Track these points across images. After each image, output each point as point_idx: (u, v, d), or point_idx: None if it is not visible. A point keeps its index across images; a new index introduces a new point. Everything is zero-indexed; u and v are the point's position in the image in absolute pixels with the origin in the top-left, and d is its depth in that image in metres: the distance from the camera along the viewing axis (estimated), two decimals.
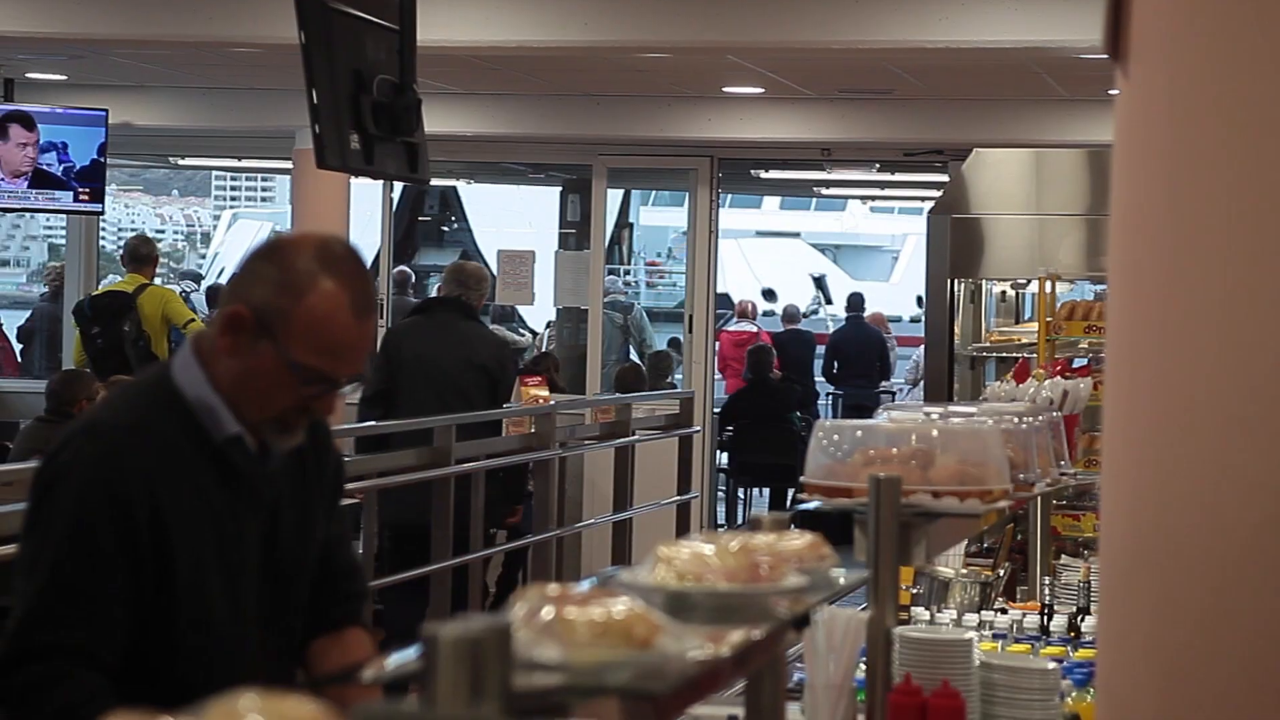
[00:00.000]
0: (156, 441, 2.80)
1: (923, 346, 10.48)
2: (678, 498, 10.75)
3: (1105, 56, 3.07)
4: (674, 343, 16.19)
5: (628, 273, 16.95)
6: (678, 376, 14.43)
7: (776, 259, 24.59)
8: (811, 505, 3.32)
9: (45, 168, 11.50)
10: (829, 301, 22.96)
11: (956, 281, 6.54)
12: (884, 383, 16.41)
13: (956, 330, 6.56)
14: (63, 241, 15.63)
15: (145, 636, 2.77)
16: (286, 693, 1.39)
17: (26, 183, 11.52)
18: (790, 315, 18.38)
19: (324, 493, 3.06)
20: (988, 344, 6.56)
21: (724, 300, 17.08)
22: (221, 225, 22.52)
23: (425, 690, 1.62)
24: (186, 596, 2.79)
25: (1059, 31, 8.66)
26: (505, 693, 1.64)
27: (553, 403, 9.72)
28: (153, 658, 2.79)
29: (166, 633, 2.79)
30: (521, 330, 16.47)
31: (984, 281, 6.72)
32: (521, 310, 16.32)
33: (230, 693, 1.41)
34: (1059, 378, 4.84)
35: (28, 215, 16.66)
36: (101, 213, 12.84)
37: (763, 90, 11.98)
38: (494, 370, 8.80)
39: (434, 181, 10.38)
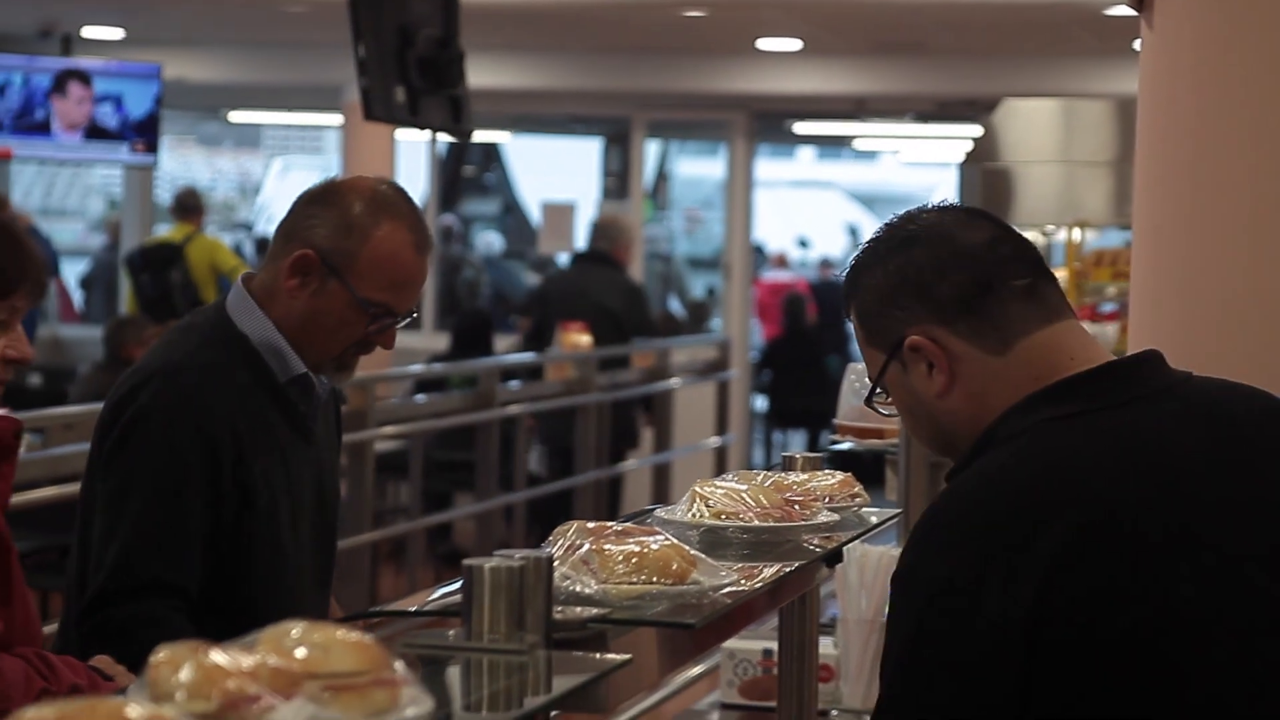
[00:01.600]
0: (231, 381, 2.83)
1: None
2: (715, 440, 10.76)
3: (1131, 11, 3.06)
4: (710, 291, 16.23)
5: (665, 220, 16.92)
6: (715, 323, 14.43)
7: (811, 209, 24.49)
8: (844, 446, 3.32)
9: (101, 121, 11.52)
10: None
11: None
12: None
13: None
14: (119, 192, 15.68)
15: (219, 571, 2.80)
16: (333, 623, 1.39)
17: (82, 135, 11.54)
18: (826, 264, 18.36)
19: (338, 440, 3.11)
20: None
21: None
22: (271, 174, 22.51)
23: (467, 621, 1.63)
24: (263, 531, 2.84)
25: None
26: (545, 624, 1.65)
27: (594, 350, 9.74)
28: (222, 593, 2.81)
29: (241, 567, 2.83)
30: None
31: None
32: (565, 259, 16.34)
33: (280, 622, 1.42)
34: (1088, 321, 4.82)
35: (85, 167, 16.69)
36: (155, 165, 12.87)
37: (798, 44, 11.92)
38: (619, 312, 9.61)
39: (477, 134, 10.38)
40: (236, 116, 18.62)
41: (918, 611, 1.85)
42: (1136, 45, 3.12)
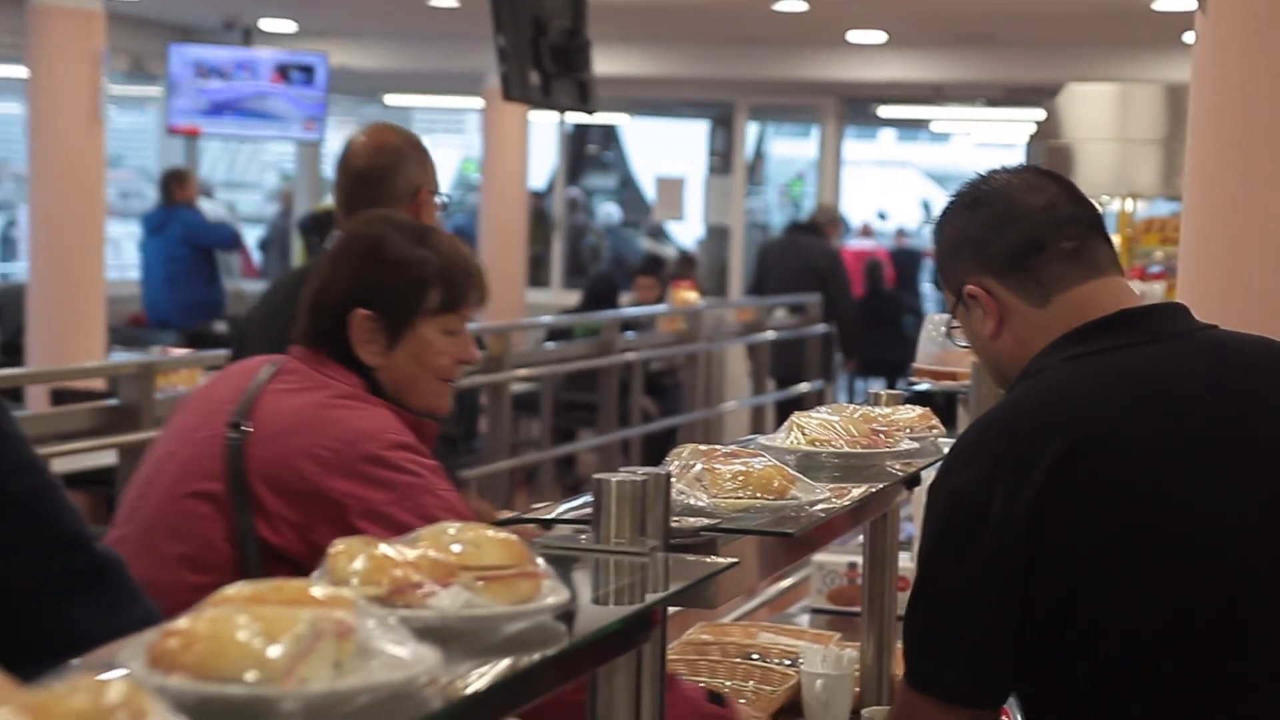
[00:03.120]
0: None
1: None
2: (805, 386, 10.74)
3: (1173, 9, 3.02)
4: None
5: (762, 194, 16.84)
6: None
7: (890, 186, 24.27)
8: (922, 387, 3.31)
9: (273, 104, 11.62)
10: (932, 221, 22.72)
11: None
12: None
13: None
14: (292, 168, 15.81)
15: None
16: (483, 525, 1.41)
17: (261, 117, 11.66)
18: (902, 234, 18.25)
19: None
20: None
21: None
22: None
23: (596, 528, 1.64)
24: None
25: None
26: (663, 531, 1.66)
27: (701, 303, 9.74)
28: None
29: None
30: (668, 244, 16.47)
31: None
32: (674, 227, 16.33)
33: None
34: (1137, 280, 4.76)
35: (262, 144, 16.87)
36: (322, 142, 12.97)
37: (883, 37, 11.82)
38: (823, 271, 10.30)
39: (598, 115, 10.41)
40: (391, 100, 18.71)
41: (941, 514, 1.90)
42: (1184, 38, 3.08)
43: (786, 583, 4.12)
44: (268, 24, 12.46)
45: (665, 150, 17.98)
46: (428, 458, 2.33)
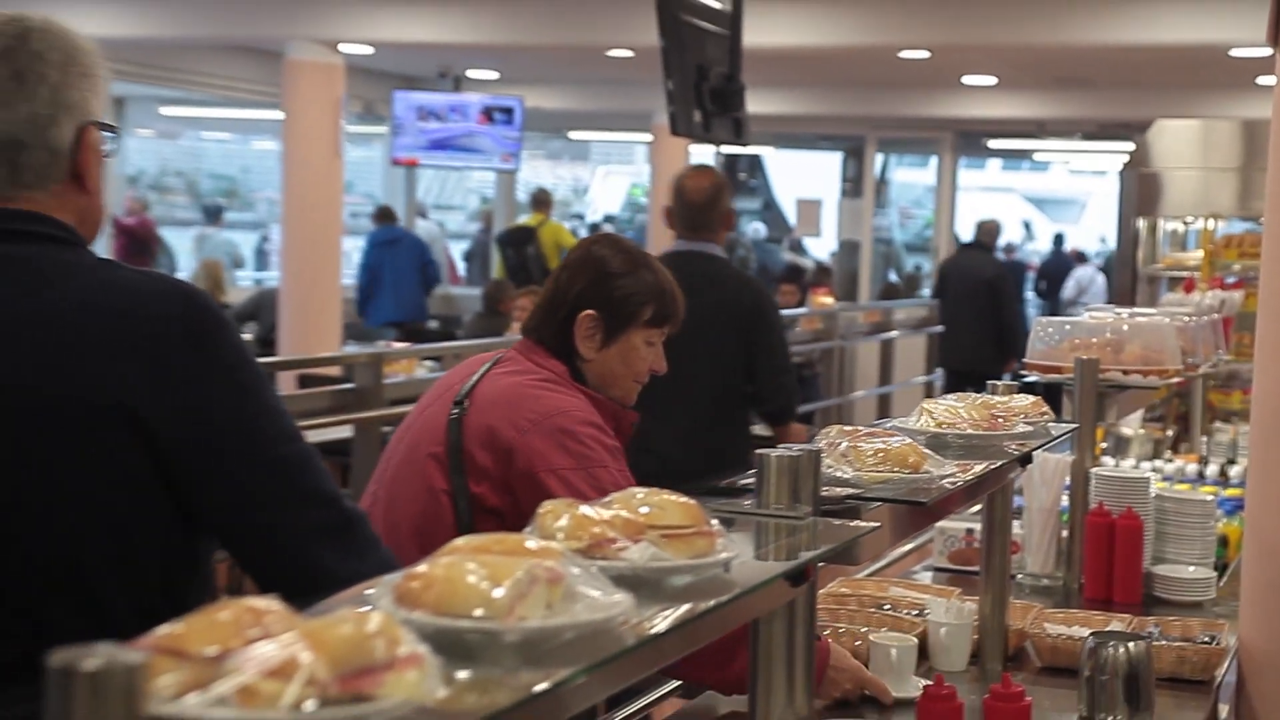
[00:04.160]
0: None
1: (1102, 270, 10.17)
2: (924, 377, 10.60)
3: (1248, 55, 2.91)
4: (917, 267, 15.98)
5: (886, 214, 16.68)
6: (924, 291, 14.18)
7: (996, 208, 23.85)
8: (1032, 379, 3.25)
9: (479, 139, 11.76)
10: (1033, 239, 22.30)
11: (1140, 220, 6.28)
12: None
13: (1139, 256, 6.31)
14: (491, 192, 15.99)
15: None
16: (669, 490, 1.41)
17: (466, 149, 11.81)
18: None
19: None
20: (1162, 266, 6.28)
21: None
22: (596, 179, 22.78)
23: (758, 495, 1.63)
24: None
25: (1217, 33, 8.21)
26: (814, 499, 1.65)
27: (835, 307, 9.66)
28: None
29: None
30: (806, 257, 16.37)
31: (1160, 220, 6.42)
32: (811, 242, 16.24)
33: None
34: (1218, 289, 4.62)
35: (467, 172, 17.08)
36: (516, 171, 13.09)
37: (994, 80, 11.62)
38: (995, 282, 9.53)
39: (749, 148, 10.38)
40: (574, 135, 18.85)
41: None
42: (1257, 80, 2.96)
43: (910, 545, 4.06)
44: (474, 73, 12.62)
45: (804, 177, 17.88)
46: (613, 440, 2.36)
